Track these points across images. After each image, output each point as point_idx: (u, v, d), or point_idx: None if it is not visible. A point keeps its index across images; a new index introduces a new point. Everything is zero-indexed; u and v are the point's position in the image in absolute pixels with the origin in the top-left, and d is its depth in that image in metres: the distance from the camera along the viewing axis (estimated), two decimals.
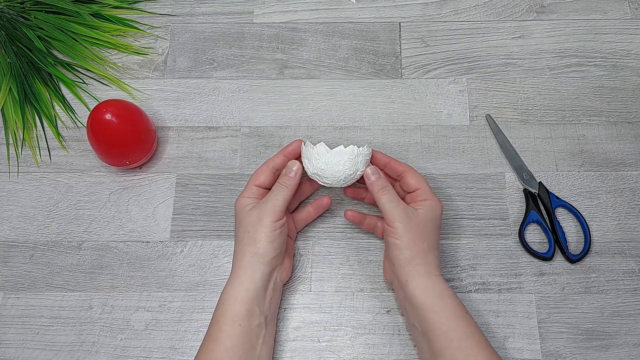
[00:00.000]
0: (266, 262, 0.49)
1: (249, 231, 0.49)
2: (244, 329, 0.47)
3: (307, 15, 0.67)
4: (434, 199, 0.51)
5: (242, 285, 0.48)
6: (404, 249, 0.48)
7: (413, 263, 0.48)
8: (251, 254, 0.49)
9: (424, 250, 0.48)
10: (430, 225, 0.50)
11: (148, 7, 0.68)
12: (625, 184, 0.58)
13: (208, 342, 0.47)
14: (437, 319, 0.46)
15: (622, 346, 0.52)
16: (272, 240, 0.49)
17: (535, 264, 0.55)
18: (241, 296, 0.48)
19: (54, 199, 0.59)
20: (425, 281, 0.47)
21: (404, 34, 0.66)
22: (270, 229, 0.49)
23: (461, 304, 0.48)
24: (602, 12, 0.66)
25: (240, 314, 0.47)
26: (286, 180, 0.51)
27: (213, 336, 0.47)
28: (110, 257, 0.57)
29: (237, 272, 0.49)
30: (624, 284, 0.55)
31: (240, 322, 0.47)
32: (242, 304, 0.47)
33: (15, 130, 0.62)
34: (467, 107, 0.62)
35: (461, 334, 0.45)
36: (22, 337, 0.54)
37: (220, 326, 0.47)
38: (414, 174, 0.52)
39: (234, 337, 0.46)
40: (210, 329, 0.48)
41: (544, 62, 0.64)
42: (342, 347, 0.53)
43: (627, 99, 0.62)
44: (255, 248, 0.49)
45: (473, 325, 0.46)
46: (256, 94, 0.64)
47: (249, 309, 0.47)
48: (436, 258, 0.49)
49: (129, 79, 0.65)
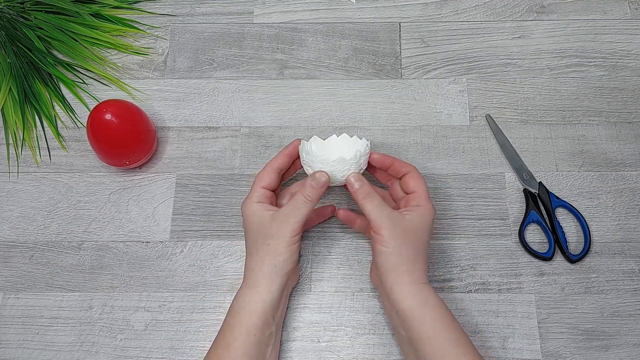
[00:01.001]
0: (284, 274, 0.48)
1: (269, 244, 0.48)
2: (257, 339, 0.47)
3: (307, 15, 0.67)
4: (427, 205, 0.49)
5: (258, 295, 0.47)
6: (390, 256, 0.47)
7: (399, 270, 0.47)
8: (270, 266, 0.48)
9: (411, 257, 0.47)
10: (419, 231, 0.48)
11: (148, 7, 0.68)
12: (625, 184, 0.58)
13: (219, 348, 0.47)
14: (422, 327, 0.45)
15: (622, 346, 0.52)
16: (292, 254, 0.48)
17: (535, 264, 0.55)
18: (257, 307, 0.47)
19: (54, 199, 0.59)
20: (410, 288, 0.47)
21: (404, 34, 0.66)
22: (292, 242, 0.48)
23: (448, 311, 0.47)
24: (602, 12, 0.66)
25: (256, 325, 0.47)
26: (311, 192, 0.49)
27: (225, 343, 0.47)
28: (110, 257, 0.57)
29: (253, 282, 0.48)
30: (624, 284, 0.55)
31: (255, 332, 0.47)
32: (258, 315, 0.47)
33: (15, 130, 0.62)
34: (467, 107, 0.62)
35: (446, 341, 0.45)
36: (22, 337, 0.54)
37: (235, 335, 0.47)
38: (415, 176, 0.51)
39: (247, 347, 0.46)
40: (223, 336, 0.47)
41: (544, 62, 0.64)
42: (342, 347, 0.53)
43: (627, 99, 0.62)
44: (276, 261, 0.48)
45: (459, 333, 0.46)
46: (256, 94, 0.64)
47: (265, 320, 0.47)
48: (424, 265, 0.48)
49: (129, 79, 0.65)
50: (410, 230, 0.48)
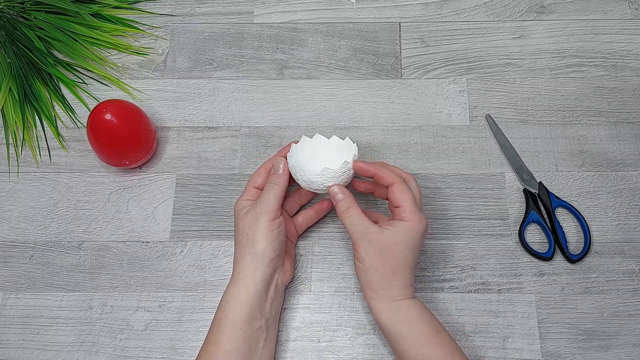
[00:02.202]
0: (266, 263, 0.48)
1: (247, 233, 0.49)
2: (244, 333, 0.47)
3: (307, 15, 0.67)
4: (413, 220, 0.47)
5: (243, 287, 0.48)
6: (365, 273, 0.47)
7: (374, 288, 0.47)
8: (251, 255, 0.48)
9: (388, 275, 0.47)
10: (399, 247, 0.47)
11: (148, 7, 0.68)
12: (625, 184, 0.58)
13: (209, 344, 0.47)
14: (404, 343, 0.46)
15: (622, 346, 0.52)
16: (271, 240, 0.49)
17: (535, 264, 0.55)
18: (242, 299, 0.47)
19: (54, 199, 0.59)
20: (386, 306, 0.47)
21: (404, 34, 0.66)
22: (268, 228, 0.49)
23: (430, 325, 0.46)
24: (602, 12, 0.66)
25: (241, 317, 0.47)
26: (275, 178, 0.51)
27: (214, 339, 0.47)
28: (110, 257, 0.57)
29: (237, 274, 0.49)
30: (624, 284, 0.54)
31: (240, 325, 0.47)
32: (243, 307, 0.47)
33: (15, 130, 0.62)
34: (467, 107, 0.62)
35: (430, 357, 0.45)
36: (22, 337, 0.54)
37: (221, 329, 0.47)
38: (399, 189, 0.48)
39: (234, 341, 0.46)
40: (211, 332, 0.48)
41: (544, 62, 0.64)
42: (342, 347, 0.53)
43: (627, 99, 0.62)
44: (255, 249, 0.48)
45: (444, 346, 0.46)
46: (256, 94, 0.64)
47: (250, 313, 0.47)
48: (404, 280, 0.47)
49: (129, 79, 0.65)
50: (388, 246, 0.47)
